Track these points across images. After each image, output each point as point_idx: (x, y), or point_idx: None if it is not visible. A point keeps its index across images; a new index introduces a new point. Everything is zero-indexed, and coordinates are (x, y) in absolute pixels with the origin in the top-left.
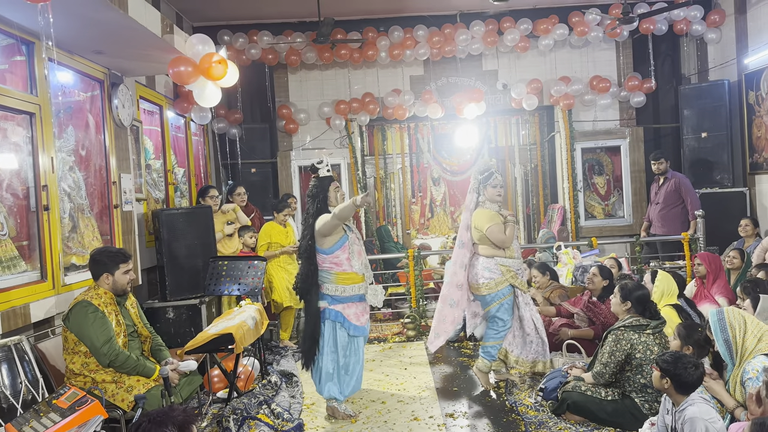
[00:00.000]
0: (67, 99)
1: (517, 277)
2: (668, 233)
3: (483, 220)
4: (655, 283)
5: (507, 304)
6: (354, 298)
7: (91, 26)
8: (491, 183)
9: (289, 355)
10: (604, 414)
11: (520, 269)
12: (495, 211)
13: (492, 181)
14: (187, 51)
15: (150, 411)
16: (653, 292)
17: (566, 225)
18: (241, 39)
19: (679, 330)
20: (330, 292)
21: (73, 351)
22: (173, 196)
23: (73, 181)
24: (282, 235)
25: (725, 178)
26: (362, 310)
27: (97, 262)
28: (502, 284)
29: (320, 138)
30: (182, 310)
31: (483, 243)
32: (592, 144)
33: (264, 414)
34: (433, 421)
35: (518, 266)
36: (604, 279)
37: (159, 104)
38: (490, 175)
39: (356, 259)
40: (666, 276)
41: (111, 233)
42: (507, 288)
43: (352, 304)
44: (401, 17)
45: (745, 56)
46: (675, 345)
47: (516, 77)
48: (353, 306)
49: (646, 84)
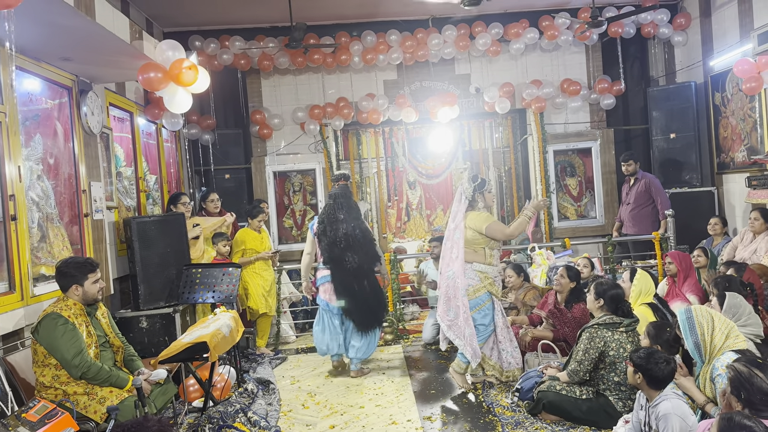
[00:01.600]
0: (35, 106)
1: (494, 285)
2: (639, 233)
3: (479, 220)
4: (633, 282)
5: (487, 310)
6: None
7: (58, 33)
8: (487, 189)
9: (265, 362)
10: (579, 413)
11: (497, 276)
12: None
13: (487, 186)
14: (157, 57)
15: (124, 422)
16: (632, 290)
17: (540, 226)
18: (212, 44)
19: (648, 329)
20: None
21: (43, 364)
22: (145, 203)
23: (41, 190)
24: (257, 241)
25: (694, 177)
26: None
27: (64, 274)
28: (480, 291)
29: (295, 143)
30: (156, 320)
31: (467, 247)
32: (564, 146)
33: (241, 422)
34: (410, 424)
35: (495, 273)
36: (571, 281)
37: (129, 111)
38: (483, 182)
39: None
40: (644, 275)
41: (81, 242)
42: (485, 294)
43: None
44: (374, 22)
45: (711, 58)
46: (645, 344)
47: (488, 81)
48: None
49: (615, 86)
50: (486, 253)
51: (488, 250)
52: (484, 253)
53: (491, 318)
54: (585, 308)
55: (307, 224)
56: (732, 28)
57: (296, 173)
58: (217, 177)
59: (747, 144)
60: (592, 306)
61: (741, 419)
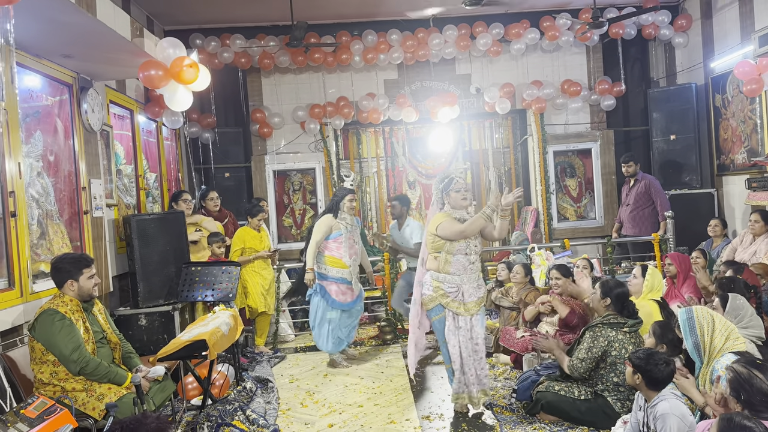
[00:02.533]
0: (35, 103)
1: (447, 297)
2: (639, 234)
3: (433, 222)
4: (645, 277)
5: (439, 325)
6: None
7: (59, 30)
8: (453, 188)
9: (264, 360)
10: (578, 413)
11: (458, 290)
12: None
13: (453, 186)
14: (158, 55)
15: (122, 419)
16: (644, 286)
17: (539, 227)
18: (213, 42)
19: (654, 328)
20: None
21: (41, 360)
22: (145, 201)
23: (41, 187)
24: (256, 239)
25: (694, 179)
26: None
27: (59, 270)
28: (433, 302)
29: (295, 142)
30: (155, 317)
31: (430, 253)
32: (564, 147)
33: (239, 420)
34: (409, 423)
35: (453, 283)
36: (566, 278)
37: (130, 108)
38: (450, 181)
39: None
40: (656, 271)
41: (81, 240)
42: (437, 307)
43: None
44: (375, 21)
45: (712, 60)
46: (650, 342)
47: (489, 81)
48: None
49: (616, 87)
50: (443, 258)
51: (446, 255)
52: (443, 259)
53: (443, 336)
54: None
55: (306, 223)
56: (733, 30)
57: (296, 172)
58: (217, 175)
59: (747, 146)
60: (598, 305)
61: (741, 420)
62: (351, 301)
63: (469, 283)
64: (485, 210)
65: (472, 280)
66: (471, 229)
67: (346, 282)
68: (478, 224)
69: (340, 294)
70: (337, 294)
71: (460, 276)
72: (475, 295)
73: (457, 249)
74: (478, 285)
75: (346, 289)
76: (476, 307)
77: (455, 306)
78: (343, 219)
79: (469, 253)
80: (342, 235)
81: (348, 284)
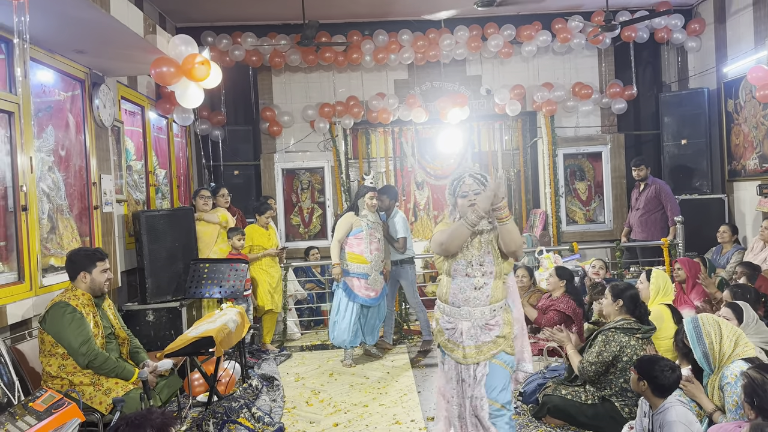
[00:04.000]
0: (47, 98)
1: (444, 335)
2: (648, 239)
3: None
4: (651, 281)
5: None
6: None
7: (72, 25)
8: (460, 193)
9: (270, 358)
10: (584, 418)
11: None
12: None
13: (462, 188)
14: (170, 51)
15: (128, 414)
16: (651, 289)
17: (548, 230)
18: (224, 40)
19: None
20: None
21: (50, 353)
22: (154, 197)
23: (52, 182)
24: (264, 237)
25: (704, 184)
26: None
27: (74, 262)
28: (435, 340)
29: (304, 141)
30: (162, 313)
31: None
32: (574, 150)
33: (244, 417)
34: (414, 424)
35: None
36: (561, 279)
37: (141, 105)
38: (458, 183)
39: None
40: (661, 274)
41: (90, 234)
42: (439, 347)
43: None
44: (386, 21)
45: (724, 65)
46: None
47: (499, 83)
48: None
49: (627, 91)
50: (442, 282)
51: (445, 276)
52: (442, 282)
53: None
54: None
55: (315, 222)
56: (747, 35)
57: (305, 171)
58: (226, 173)
59: (759, 152)
60: (611, 309)
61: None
62: (374, 297)
63: (471, 319)
64: (469, 215)
65: (475, 316)
66: (451, 242)
67: (366, 277)
68: (458, 234)
69: (363, 289)
70: (359, 289)
71: (459, 308)
72: (479, 338)
73: (454, 269)
74: (487, 325)
75: (368, 285)
76: (478, 356)
77: (451, 348)
78: (364, 216)
79: (473, 275)
80: (362, 231)
81: (366, 278)
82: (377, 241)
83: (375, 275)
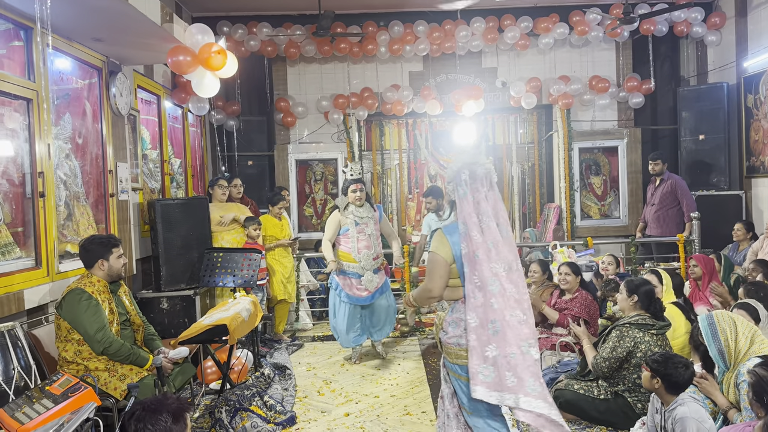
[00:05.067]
0: (65, 86)
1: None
2: (663, 234)
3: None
4: (663, 281)
5: None
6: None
7: (90, 13)
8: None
9: (282, 348)
10: (597, 413)
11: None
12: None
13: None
14: (187, 40)
15: (143, 399)
16: (662, 292)
17: (562, 224)
18: (240, 30)
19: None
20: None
21: (66, 339)
22: (169, 186)
23: (69, 169)
24: (277, 228)
25: (722, 180)
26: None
27: (89, 250)
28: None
29: (318, 132)
30: (176, 301)
31: None
32: (590, 144)
33: (256, 406)
34: (425, 416)
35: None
36: (576, 276)
37: (157, 94)
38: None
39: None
40: (663, 273)
41: (106, 222)
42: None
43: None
44: (401, 12)
45: (745, 59)
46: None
47: (515, 75)
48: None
49: (645, 85)
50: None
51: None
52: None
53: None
54: (581, 297)
55: (327, 213)
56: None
57: (318, 162)
58: (240, 163)
59: None
60: (625, 305)
61: None
62: (366, 297)
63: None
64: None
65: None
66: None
67: (356, 276)
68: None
69: (354, 288)
70: (350, 288)
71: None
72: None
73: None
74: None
75: (361, 285)
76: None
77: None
78: (350, 213)
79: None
80: (349, 230)
81: (359, 278)
82: (367, 237)
83: (369, 275)
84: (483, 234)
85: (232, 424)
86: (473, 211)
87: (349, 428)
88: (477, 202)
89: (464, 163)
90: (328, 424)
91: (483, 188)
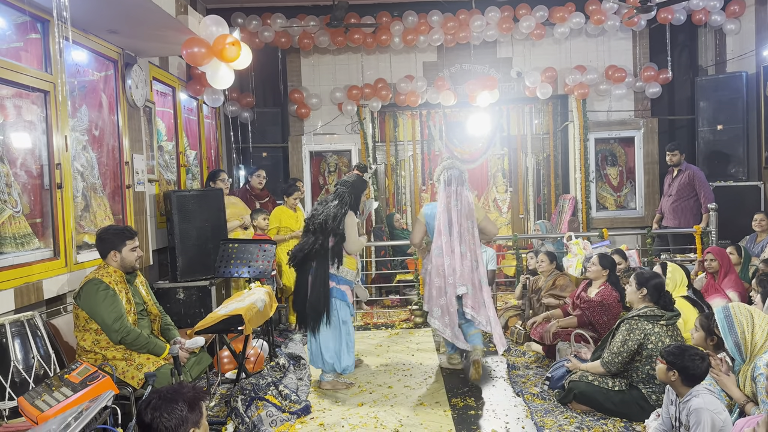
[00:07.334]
0: (82, 78)
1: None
2: (680, 226)
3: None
4: (667, 275)
5: None
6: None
7: (106, 5)
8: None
9: (297, 338)
10: (611, 404)
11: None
12: None
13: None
14: (201, 32)
15: (160, 388)
16: (667, 284)
17: (577, 215)
18: (254, 21)
19: (701, 321)
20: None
21: (84, 328)
22: (185, 178)
23: (86, 161)
24: (292, 219)
25: (740, 171)
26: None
27: (103, 240)
28: None
29: (332, 123)
30: (192, 291)
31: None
32: (606, 134)
33: (272, 395)
34: (439, 407)
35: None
36: (604, 269)
37: (172, 86)
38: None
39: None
40: (676, 267)
41: (123, 213)
42: None
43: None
44: (416, 2)
45: (764, 48)
46: (698, 336)
47: (530, 65)
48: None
49: (662, 75)
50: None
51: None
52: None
53: None
54: (607, 292)
55: None
56: None
57: (332, 154)
58: (254, 155)
59: None
60: (634, 297)
61: None
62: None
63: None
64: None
65: None
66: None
67: (351, 285)
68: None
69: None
70: (351, 298)
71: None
72: None
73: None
74: None
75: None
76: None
77: None
78: (360, 216)
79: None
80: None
81: (352, 286)
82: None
83: (359, 284)
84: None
85: (248, 413)
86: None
87: (363, 418)
88: (448, 195)
89: (443, 167)
90: (342, 414)
91: (453, 185)
